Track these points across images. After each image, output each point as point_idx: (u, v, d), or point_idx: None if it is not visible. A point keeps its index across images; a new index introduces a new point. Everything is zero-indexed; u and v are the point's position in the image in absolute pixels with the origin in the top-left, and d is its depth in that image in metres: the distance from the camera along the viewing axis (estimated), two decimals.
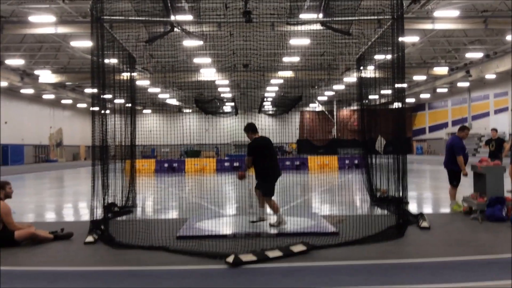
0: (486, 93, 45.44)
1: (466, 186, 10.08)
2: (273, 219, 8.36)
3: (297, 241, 6.68)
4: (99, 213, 8.08)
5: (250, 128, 8.54)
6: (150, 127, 13.46)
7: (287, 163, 28.95)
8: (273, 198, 8.41)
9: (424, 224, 8.11)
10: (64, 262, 6.12)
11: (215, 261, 5.89)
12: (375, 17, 9.61)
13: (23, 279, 5.47)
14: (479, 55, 32.00)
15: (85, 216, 10.15)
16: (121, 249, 6.73)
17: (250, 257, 5.90)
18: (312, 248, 6.43)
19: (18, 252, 6.68)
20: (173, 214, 10.79)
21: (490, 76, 37.23)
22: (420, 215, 8.68)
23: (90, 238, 7.23)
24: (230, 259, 5.75)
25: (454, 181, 10.00)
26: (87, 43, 22.49)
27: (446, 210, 10.78)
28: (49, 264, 6.02)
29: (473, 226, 8.33)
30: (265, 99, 38.35)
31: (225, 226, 8.32)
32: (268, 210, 8.52)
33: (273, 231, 7.82)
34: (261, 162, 8.28)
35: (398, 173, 8.48)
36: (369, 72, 11.47)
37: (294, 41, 25.38)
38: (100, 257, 6.43)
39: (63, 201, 14.56)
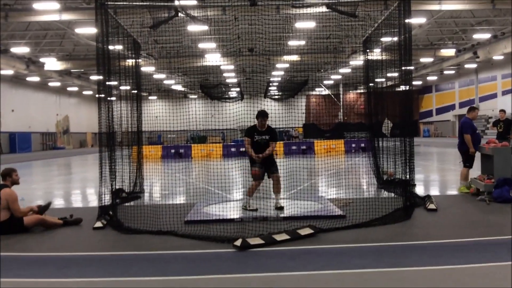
0: (493, 74, 44.98)
1: (474, 168, 10.03)
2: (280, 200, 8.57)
3: (304, 224, 6.71)
4: (107, 199, 8.16)
5: (266, 116, 8.56)
6: (156, 113, 13.48)
7: (294, 147, 28.93)
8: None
9: (431, 206, 8.11)
10: (73, 248, 6.18)
11: (223, 245, 5.93)
12: None
13: (33, 265, 5.53)
14: (486, 36, 31.58)
15: (94, 202, 10.23)
16: (130, 234, 6.79)
17: (257, 240, 5.94)
18: (319, 231, 6.46)
19: (28, 238, 6.76)
20: (180, 199, 10.85)
21: (497, 57, 36.80)
22: (427, 197, 8.69)
23: (99, 224, 7.30)
24: (238, 242, 5.79)
25: (467, 162, 9.94)
26: (92, 30, 22.43)
27: (453, 192, 10.76)
28: (59, 250, 6.09)
29: (481, 207, 8.32)
30: (270, 84, 38.20)
31: (232, 210, 8.36)
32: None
33: (281, 215, 7.86)
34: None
35: (405, 156, 8.46)
36: (376, 54, 11.36)
37: (299, 24, 25.15)
38: (109, 242, 6.49)
39: (71, 187, 14.68)
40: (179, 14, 10.20)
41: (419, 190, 10.63)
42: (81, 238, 6.74)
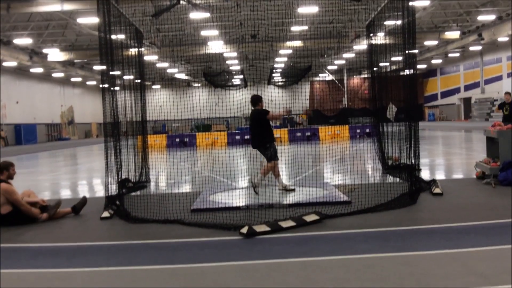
0: (498, 56, 44.61)
1: (479, 151, 10.00)
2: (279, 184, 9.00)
3: (310, 211, 6.74)
4: (113, 188, 8.21)
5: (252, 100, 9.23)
6: (160, 103, 13.48)
7: (298, 134, 28.91)
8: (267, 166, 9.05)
9: (437, 190, 8.11)
10: (82, 238, 6.24)
11: (229, 233, 5.97)
12: None
13: (42, 255, 5.59)
14: (491, 17, 31.23)
15: (100, 192, 10.30)
16: (137, 223, 6.83)
17: (263, 227, 5.97)
18: (325, 217, 6.48)
19: (36, 228, 6.82)
20: (186, 188, 10.90)
21: (502, 38, 36.44)
22: (433, 181, 8.68)
23: (106, 214, 7.35)
24: (244, 230, 5.83)
25: None
26: (94, 20, 22.36)
27: (459, 175, 10.75)
28: (67, 240, 6.14)
29: (487, 190, 8.32)
30: (274, 70, 38.04)
31: (238, 198, 8.39)
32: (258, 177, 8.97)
33: (285, 201, 7.88)
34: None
35: (410, 141, 8.44)
36: (380, 38, 11.27)
37: (302, 10, 24.95)
38: (117, 232, 6.54)
39: (77, 178, 14.77)
40: (181, 2, 10.13)
41: (425, 174, 10.64)
42: (89, 228, 6.80)
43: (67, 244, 5.96)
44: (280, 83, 44.83)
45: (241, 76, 36.89)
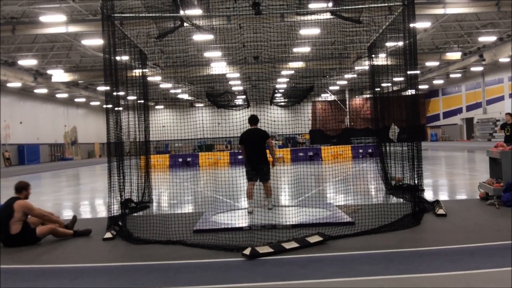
0: (500, 76, 44.79)
1: (482, 172, 9.98)
2: (270, 202, 9.21)
3: (313, 232, 6.71)
4: (116, 209, 8.20)
5: (250, 120, 9.48)
6: (163, 123, 13.53)
7: (300, 153, 28.93)
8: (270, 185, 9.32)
9: (441, 211, 8.08)
10: (84, 259, 6.22)
11: (232, 254, 5.94)
12: (386, 4, 9.53)
13: (45, 276, 5.57)
14: (492, 38, 31.51)
15: (103, 213, 10.29)
16: (139, 244, 6.81)
17: (266, 249, 5.94)
18: (328, 238, 6.45)
19: (39, 249, 6.81)
20: (189, 208, 10.88)
21: (504, 59, 36.65)
22: (436, 202, 8.66)
23: (108, 234, 7.33)
24: (247, 251, 5.80)
25: None
26: (98, 41, 22.63)
27: (462, 196, 10.71)
28: (70, 261, 6.13)
29: (490, 211, 8.28)
30: (276, 91, 38.27)
31: (240, 218, 8.38)
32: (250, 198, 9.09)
33: (288, 222, 7.84)
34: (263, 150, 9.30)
35: (413, 161, 8.45)
36: (381, 59, 11.38)
37: (304, 31, 25.25)
38: (119, 253, 6.52)
39: (80, 198, 14.76)
40: (185, 24, 10.27)
41: (428, 195, 10.61)
42: (91, 249, 6.78)
43: (69, 265, 5.93)
44: (282, 103, 45.04)
45: (244, 97, 37.11)
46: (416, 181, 8.41)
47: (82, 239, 7.42)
